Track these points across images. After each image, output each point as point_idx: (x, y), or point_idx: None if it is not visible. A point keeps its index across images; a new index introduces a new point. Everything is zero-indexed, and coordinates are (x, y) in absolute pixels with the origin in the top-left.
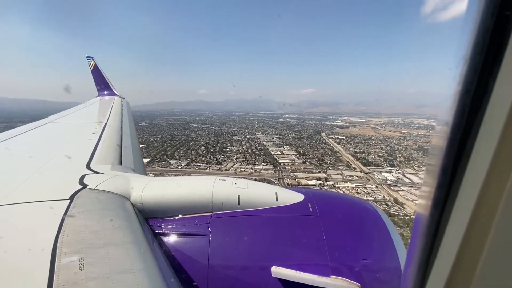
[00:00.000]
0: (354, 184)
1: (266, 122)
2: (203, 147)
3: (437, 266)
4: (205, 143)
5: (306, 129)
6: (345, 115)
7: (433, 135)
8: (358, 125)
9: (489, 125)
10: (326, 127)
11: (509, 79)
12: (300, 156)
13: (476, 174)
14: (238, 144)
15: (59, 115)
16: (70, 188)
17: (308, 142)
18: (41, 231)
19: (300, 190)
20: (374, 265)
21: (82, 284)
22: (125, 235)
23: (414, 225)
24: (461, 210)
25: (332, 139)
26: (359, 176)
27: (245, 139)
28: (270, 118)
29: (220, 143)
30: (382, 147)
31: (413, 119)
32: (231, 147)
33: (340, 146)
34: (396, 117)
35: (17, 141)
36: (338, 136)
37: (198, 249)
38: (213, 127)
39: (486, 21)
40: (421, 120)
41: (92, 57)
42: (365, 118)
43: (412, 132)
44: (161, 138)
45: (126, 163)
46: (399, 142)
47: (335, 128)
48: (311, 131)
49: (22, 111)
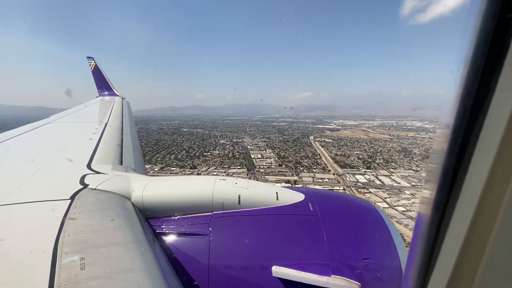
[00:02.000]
0: (322, 186)
1: (258, 126)
2: (184, 152)
3: (438, 268)
4: (188, 147)
5: (296, 132)
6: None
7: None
8: (350, 128)
9: (491, 128)
10: (317, 130)
11: (510, 81)
12: (279, 159)
13: (478, 177)
14: (222, 148)
15: (59, 115)
16: (71, 188)
17: (293, 145)
18: (42, 231)
19: (301, 190)
20: (375, 265)
21: (83, 283)
22: (126, 235)
23: (416, 227)
24: (462, 213)
25: (318, 142)
26: (330, 179)
27: (231, 143)
28: (264, 122)
29: (203, 147)
30: (366, 149)
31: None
32: (214, 151)
33: (324, 149)
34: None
35: (18, 141)
36: (325, 139)
37: (198, 249)
38: (203, 132)
39: (488, 24)
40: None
41: (93, 58)
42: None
43: (401, 134)
44: (146, 143)
45: (127, 163)
46: (385, 144)
47: (325, 131)
48: (300, 134)
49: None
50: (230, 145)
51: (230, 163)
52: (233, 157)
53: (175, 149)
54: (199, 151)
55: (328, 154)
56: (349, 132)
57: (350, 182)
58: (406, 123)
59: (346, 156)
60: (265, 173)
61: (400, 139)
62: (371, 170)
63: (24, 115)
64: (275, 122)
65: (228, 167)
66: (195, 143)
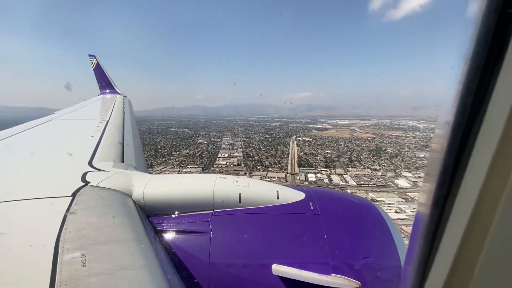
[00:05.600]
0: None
1: (249, 126)
2: (153, 151)
3: (436, 266)
4: (161, 147)
5: (282, 132)
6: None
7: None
8: (339, 128)
9: (490, 125)
10: (305, 130)
11: (510, 78)
12: (243, 158)
13: (477, 174)
14: (195, 147)
15: (61, 112)
16: (73, 185)
17: (269, 144)
18: (43, 227)
19: (301, 189)
20: (375, 264)
21: (84, 280)
22: (127, 232)
23: (414, 224)
24: (461, 210)
25: (297, 141)
26: (279, 177)
27: (208, 142)
28: (258, 122)
29: (177, 147)
30: (339, 148)
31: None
32: (184, 150)
33: (297, 148)
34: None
35: (20, 138)
36: (307, 138)
37: (199, 247)
38: (189, 131)
39: (488, 20)
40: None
41: (94, 56)
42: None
43: (387, 133)
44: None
45: (128, 161)
46: (363, 143)
47: (312, 131)
48: (285, 134)
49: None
50: (205, 145)
51: (190, 162)
52: (198, 156)
53: (146, 148)
54: (170, 150)
55: (298, 153)
56: (336, 132)
57: (298, 181)
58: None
59: (314, 155)
60: (218, 171)
61: (382, 138)
62: (328, 169)
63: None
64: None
65: (186, 166)
66: (173, 142)
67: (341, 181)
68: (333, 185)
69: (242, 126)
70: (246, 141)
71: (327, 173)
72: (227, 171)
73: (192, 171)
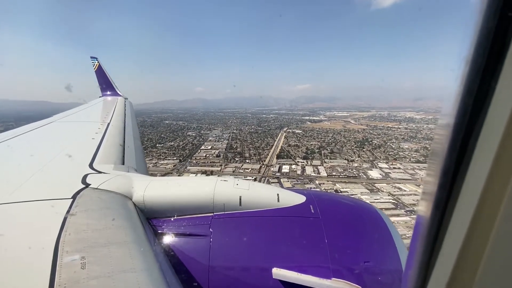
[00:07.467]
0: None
1: (244, 118)
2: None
3: (437, 269)
4: (148, 139)
5: (276, 124)
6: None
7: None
8: (334, 119)
9: (491, 126)
10: (300, 122)
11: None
12: (225, 151)
13: (478, 176)
14: (181, 140)
15: (62, 114)
16: (73, 187)
17: (257, 136)
18: (43, 229)
19: (302, 192)
20: (376, 268)
21: (83, 283)
22: (127, 235)
23: (415, 227)
24: (462, 212)
25: (286, 133)
26: (253, 169)
27: (196, 134)
28: (255, 114)
29: (163, 139)
30: (325, 140)
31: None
32: (169, 143)
33: (283, 140)
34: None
35: (21, 140)
36: (297, 130)
37: (199, 250)
38: (182, 124)
39: (489, 22)
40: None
41: (96, 58)
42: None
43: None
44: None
45: (129, 163)
46: (351, 135)
47: (306, 123)
48: (277, 126)
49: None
50: (192, 137)
51: (170, 155)
52: (181, 149)
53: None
54: (155, 143)
55: (282, 145)
56: (329, 124)
57: (271, 172)
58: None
59: (298, 147)
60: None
61: (373, 129)
62: (306, 160)
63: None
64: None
65: (164, 158)
66: (161, 135)
67: (313, 172)
68: (303, 176)
69: (237, 118)
70: (235, 133)
71: (303, 165)
72: (204, 163)
73: (169, 163)
